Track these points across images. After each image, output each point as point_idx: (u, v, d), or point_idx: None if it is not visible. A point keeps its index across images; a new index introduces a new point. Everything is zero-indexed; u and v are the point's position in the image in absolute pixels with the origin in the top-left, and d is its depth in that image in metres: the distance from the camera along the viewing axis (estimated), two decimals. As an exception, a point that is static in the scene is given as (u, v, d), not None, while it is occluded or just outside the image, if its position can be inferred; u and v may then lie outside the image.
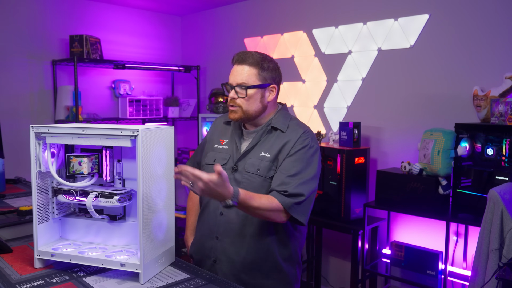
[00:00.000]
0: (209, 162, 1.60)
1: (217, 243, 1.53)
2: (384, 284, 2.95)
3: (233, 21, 4.05)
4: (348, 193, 2.69)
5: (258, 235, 1.49)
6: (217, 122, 1.73)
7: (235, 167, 1.53)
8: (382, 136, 3.00)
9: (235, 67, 1.52)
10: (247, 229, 1.49)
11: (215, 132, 1.69)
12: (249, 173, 1.50)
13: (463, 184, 2.32)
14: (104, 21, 3.98)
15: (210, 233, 1.55)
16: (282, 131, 1.53)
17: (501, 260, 1.63)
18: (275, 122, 1.55)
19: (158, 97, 4.15)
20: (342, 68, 3.21)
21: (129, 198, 1.32)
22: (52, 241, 1.36)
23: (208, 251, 1.55)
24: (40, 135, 1.28)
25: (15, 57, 3.46)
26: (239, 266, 1.50)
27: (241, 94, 1.49)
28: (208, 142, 1.69)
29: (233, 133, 1.61)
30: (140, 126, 1.25)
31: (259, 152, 1.52)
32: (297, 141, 1.49)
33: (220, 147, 1.62)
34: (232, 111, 1.52)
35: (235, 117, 1.51)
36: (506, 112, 2.17)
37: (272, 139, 1.53)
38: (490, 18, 2.49)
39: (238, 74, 1.49)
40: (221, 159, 1.57)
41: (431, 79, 2.75)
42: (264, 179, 1.48)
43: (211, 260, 1.54)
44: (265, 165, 1.49)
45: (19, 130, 3.40)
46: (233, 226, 1.50)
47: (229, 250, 1.51)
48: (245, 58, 1.50)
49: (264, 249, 1.50)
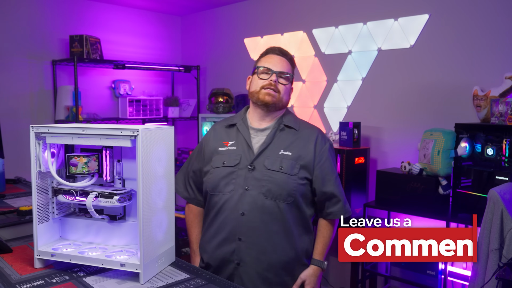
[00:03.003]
0: (217, 165, 1.57)
1: (241, 244, 1.50)
2: (384, 284, 2.95)
3: (233, 21, 4.05)
4: (348, 193, 2.69)
5: (282, 232, 1.50)
6: (216, 128, 1.69)
7: (251, 166, 1.52)
8: (382, 136, 3.00)
9: (276, 57, 1.59)
10: (271, 227, 1.49)
11: (215, 138, 1.65)
12: (272, 170, 1.50)
13: (463, 184, 2.32)
14: (104, 21, 3.98)
15: (231, 236, 1.51)
16: (295, 129, 1.58)
17: (501, 260, 1.63)
18: (287, 121, 1.60)
19: (158, 97, 4.15)
20: (342, 68, 3.21)
21: (129, 198, 1.31)
22: (52, 241, 1.36)
23: (229, 255, 1.51)
24: (40, 135, 1.28)
25: (15, 57, 3.46)
26: (266, 266, 1.49)
27: (285, 81, 1.57)
28: (206, 148, 1.64)
29: (240, 134, 1.60)
30: (140, 126, 1.25)
31: (277, 150, 1.54)
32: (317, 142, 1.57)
33: (225, 149, 1.58)
34: (269, 94, 1.54)
35: (271, 100, 1.54)
36: (506, 112, 2.17)
37: (288, 138, 1.57)
38: (490, 18, 2.49)
39: (281, 64, 1.57)
40: (232, 159, 1.55)
41: (431, 79, 2.75)
42: (289, 176, 1.50)
43: (234, 263, 1.51)
44: (288, 163, 1.51)
45: (19, 130, 3.40)
46: (256, 225, 1.48)
47: (254, 250, 1.49)
48: (285, 53, 1.61)
49: (288, 245, 1.51)
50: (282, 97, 1.56)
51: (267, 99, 1.54)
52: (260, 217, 1.48)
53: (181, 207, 4.10)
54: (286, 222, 1.50)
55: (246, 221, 1.49)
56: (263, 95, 1.54)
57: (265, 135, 1.58)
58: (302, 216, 1.54)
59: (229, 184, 1.53)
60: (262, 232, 1.48)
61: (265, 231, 1.48)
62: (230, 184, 1.52)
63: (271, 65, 1.56)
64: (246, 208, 1.49)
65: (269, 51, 1.61)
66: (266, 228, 1.49)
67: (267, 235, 1.49)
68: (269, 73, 1.55)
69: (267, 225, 1.48)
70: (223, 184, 1.53)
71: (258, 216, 1.48)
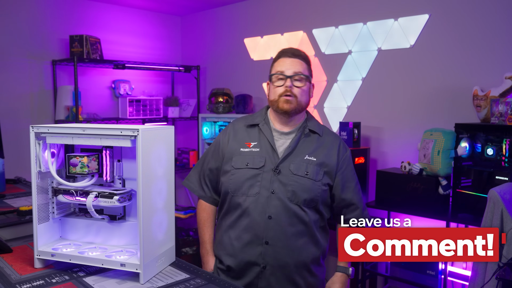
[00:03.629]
0: (240, 166, 1.55)
1: (268, 248, 1.49)
2: (384, 284, 2.95)
3: (233, 21, 4.05)
4: (348, 193, 2.69)
5: (307, 235, 1.52)
6: (236, 126, 1.65)
7: (277, 169, 1.52)
8: (382, 136, 3.00)
9: (287, 59, 1.55)
10: (298, 230, 1.50)
11: (235, 137, 1.61)
12: (298, 175, 1.51)
13: (463, 184, 2.32)
14: (104, 21, 3.98)
15: (257, 239, 1.50)
16: (319, 134, 1.59)
17: (501, 260, 1.63)
18: (312, 125, 1.60)
19: (158, 97, 4.15)
20: (342, 68, 3.21)
21: (129, 198, 1.32)
22: (52, 241, 1.36)
23: (255, 258, 1.50)
24: (40, 135, 1.28)
25: (15, 57, 3.46)
26: (293, 268, 1.50)
27: (300, 83, 1.53)
28: (226, 147, 1.60)
29: (263, 135, 1.58)
30: (140, 126, 1.25)
31: (302, 155, 1.54)
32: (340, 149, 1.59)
33: (248, 150, 1.56)
34: (287, 101, 1.52)
35: (290, 107, 1.52)
36: (506, 112, 2.17)
37: (312, 143, 1.57)
38: (490, 18, 2.49)
39: (295, 65, 1.53)
40: (256, 161, 1.53)
41: (431, 79, 2.75)
42: (314, 181, 1.51)
43: (260, 267, 1.50)
44: (313, 168, 1.52)
45: (19, 130, 3.40)
46: (284, 228, 1.49)
47: (282, 254, 1.49)
48: (298, 53, 1.57)
49: (313, 247, 1.53)
50: (300, 100, 1.53)
51: (286, 108, 1.52)
52: (287, 221, 1.49)
53: (181, 207, 4.10)
54: (310, 225, 1.52)
55: (273, 225, 1.48)
56: (282, 103, 1.52)
57: (289, 139, 1.57)
58: (322, 218, 1.58)
59: (254, 186, 1.51)
60: (290, 235, 1.49)
61: (292, 234, 1.49)
62: (255, 187, 1.51)
63: (284, 69, 1.53)
64: (273, 212, 1.49)
65: (280, 55, 1.58)
66: (293, 231, 1.50)
67: (293, 238, 1.50)
68: (283, 78, 1.53)
69: (294, 228, 1.50)
70: (247, 185, 1.52)
71: (285, 220, 1.49)
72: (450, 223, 2.32)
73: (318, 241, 1.55)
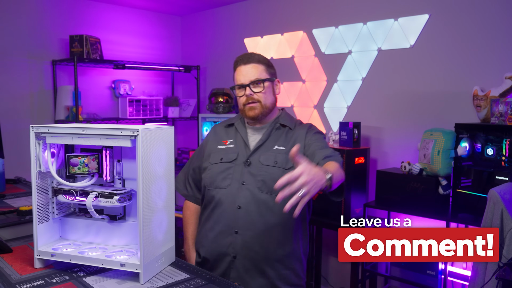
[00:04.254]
0: (215, 161, 1.61)
1: (237, 237, 1.51)
2: (384, 284, 2.95)
3: (233, 21, 4.05)
4: (348, 193, 2.69)
5: (280, 225, 1.51)
6: (217, 128, 1.74)
7: (248, 161, 1.56)
8: (382, 136, 3.00)
9: (242, 67, 1.59)
10: (269, 220, 1.51)
11: (215, 137, 1.70)
12: (267, 165, 1.54)
13: (463, 184, 2.32)
14: (104, 21, 3.98)
15: (228, 229, 1.53)
16: (290, 128, 1.62)
17: (501, 260, 1.63)
18: (283, 120, 1.64)
19: (158, 97, 4.15)
20: (342, 68, 3.21)
21: (129, 198, 1.31)
22: (52, 241, 1.36)
23: (225, 248, 1.53)
24: (40, 135, 1.28)
25: (15, 57, 3.46)
26: (263, 258, 1.51)
27: (258, 88, 1.57)
28: (206, 147, 1.69)
29: (238, 133, 1.65)
30: (140, 126, 1.25)
31: (272, 146, 1.58)
32: (308, 131, 1.60)
33: (224, 147, 1.64)
34: (251, 108, 1.57)
35: (255, 113, 1.57)
36: (506, 112, 2.17)
37: (282, 135, 1.61)
38: (490, 18, 2.49)
39: (249, 73, 1.58)
40: (229, 155, 1.60)
41: (431, 79, 2.75)
42: (283, 170, 1.52)
43: (231, 256, 1.52)
44: (282, 157, 1.55)
45: (19, 130, 3.40)
46: (254, 218, 1.51)
47: (251, 243, 1.50)
48: (250, 58, 1.60)
49: (286, 239, 1.53)
50: (264, 103, 1.58)
51: (252, 114, 1.58)
52: (256, 210, 1.51)
53: (180, 207, 4.10)
54: (283, 215, 1.50)
55: (242, 214, 1.52)
56: (247, 111, 1.59)
57: (261, 134, 1.63)
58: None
59: (226, 179, 1.56)
60: (259, 225, 1.51)
61: (262, 223, 1.51)
62: (227, 179, 1.56)
63: (241, 79, 1.58)
64: (243, 202, 1.52)
65: (236, 64, 1.63)
66: (263, 220, 1.51)
67: (264, 227, 1.51)
68: (243, 88, 1.58)
69: (263, 218, 1.51)
70: (220, 178, 1.57)
71: (254, 209, 1.51)
72: (450, 223, 2.32)
73: (292, 232, 1.55)
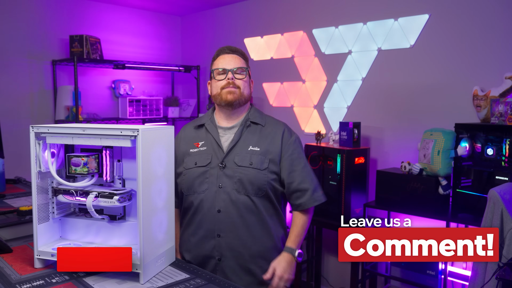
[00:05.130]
0: (190, 166, 1.60)
1: (220, 240, 1.54)
2: (384, 284, 2.95)
3: (233, 21, 4.05)
4: (348, 193, 2.69)
5: (258, 224, 1.55)
6: (186, 129, 1.72)
7: (222, 164, 1.56)
8: (382, 136, 3.00)
9: (227, 56, 1.63)
10: (248, 220, 1.54)
11: (185, 139, 1.68)
12: (243, 167, 1.55)
13: (463, 184, 2.32)
14: (104, 21, 3.98)
15: (210, 233, 1.55)
16: (262, 125, 1.63)
17: (501, 260, 1.63)
18: (253, 117, 1.65)
19: (158, 97, 4.15)
20: (342, 68, 3.21)
21: (129, 198, 1.32)
22: (52, 241, 1.36)
23: (210, 252, 1.55)
24: (40, 135, 1.28)
25: (15, 57, 3.46)
26: (247, 257, 1.54)
27: (241, 76, 1.61)
28: (178, 151, 1.65)
29: (209, 134, 1.64)
30: (140, 126, 1.25)
31: (246, 147, 1.58)
32: (284, 136, 1.62)
33: (196, 150, 1.62)
34: (230, 92, 1.58)
35: (234, 97, 1.58)
36: (506, 112, 2.17)
37: (255, 134, 1.61)
38: (490, 18, 2.49)
39: (234, 61, 1.61)
40: (203, 159, 1.59)
41: (431, 79, 2.75)
42: (258, 171, 1.55)
43: (216, 259, 1.55)
44: (258, 158, 1.56)
45: (19, 130, 3.40)
46: (234, 220, 1.53)
47: (234, 244, 1.53)
48: (235, 50, 1.65)
49: (265, 236, 1.56)
50: (243, 91, 1.60)
51: (229, 98, 1.58)
52: (236, 212, 1.53)
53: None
54: (261, 214, 1.55)
55: (223, 218, 1.54)
56: (225, 94, 1.59)
57: (233, 133, 1.62)
58: (275, 207, 1.60)
59: (203, 184, 1.57)
60: (240, 226, 1.53)
61: (242, 225, 1.53)
62: (204, 184, 1.57)
63: (224, 65, 1.60)
64: (222, 205, 1.54)
65: (219, 52, 1.65)
66: (243, 222, 1.53)
67: (244, 228, 1.54)
68: (224, 73, 1.59)
69: (243, 219, 1.53)
70: (197, 183, 1.58)
71: (234, 212, 1.53)
72: (450, 223, 2.32)
73: (272, 229, 1.58)
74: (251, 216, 1.54)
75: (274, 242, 1.59)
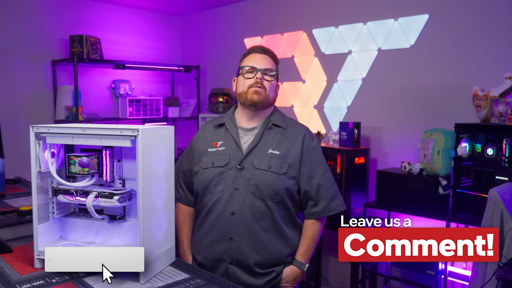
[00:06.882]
0: (207, 166, 1.57)
1: (232, 244, 1.51)
2: (384, 284, 2.95)
3: (233, 21, 4.05)
4: (348, 193, 2.69)
5: (273, 230, 1.51)
6: (205, 128, 1.69)
7: (240, 165, 1.53)
8: (382, 136, 3.00)
9: (259, 55, 1.60)
10: (262, 225, 1.50)
11: (204, 138, 1.65)
12: (261, 170, 1.51)
13: (463, 184, 2.32)
14: (104, 21, 3.98)
15: (222, 236, 1.52)
16: (283, 128, 1.59)
17: (501, 260, 1.63)
18: (275, 119, 1.61)
19: (158, 97, 4.15)
20: (342, 68, 3.21)
21: (129, 198, 1.31)
22: (52, 241, 1.36)
23: (221, 254, 1.53)
24: (40, 135, 1.28)
25: (15, 57, 3.46)
26: (259, 262, 1.51)
27: (270, 77, 1.58)
28: (196, 149, 1.64)
29: (228, 134, 1.60)
30: (140, 126, 1.25)
31: (266, 149, 1.54)
32: (304, 140, 1.58)
33: (215, 149, 1.59)
34: (257, 92, 1.55)
35: (259, 98, 1.55)
36: (506, 112, 2.17)
37: (276, 136, 1.57)
38: (490, 18, 2.49)
39: (265, 61, 1.58)
40: (221, 160, 1.56)
41: (431, 79, 2.75)
42: (277, 175, 1.51)
43: (227, 262, 1.52)
44: (277, 162, 1.52)
45: (19, 130, 3.40)
46: (247, 223, 1.50)
47: (246, 248, 1.50)
48: (267, 50, 1.62)
49: (281, 243, 1.53)
50: (268, 94, 1.57)
51: (255, 98, 1.55)
52: (250, 216, 1.50)
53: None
54: (275, 220, 1.51)
55: (236, 221, 1.50)
56: (251, 94, 1.55)
57: (253, 135, 1.59)
58: (291, 215, 1.56)
59: (219, 184, 1.54)
60: (253, 231, 1.50)
61: (256, 229, 1.50)
62: (220, 184, 1.54)
63: (255, 64, 1.57)
64: (236, 208, 1.50)
65: (251, 51, 1.63)
66: (257, 226, 1.50)
67: (257, 233, 1.50)
68: (254, 72, 1.56)
69: (257, 223, 1.50)
70: (213, 184, 1.55)
71: (248, 215, 1.50)
72: (450, 223, 2.32)
73: (286, 237, 1.54)
74: (266, 222, 1.50)
75: (289, 251, 1.56)
